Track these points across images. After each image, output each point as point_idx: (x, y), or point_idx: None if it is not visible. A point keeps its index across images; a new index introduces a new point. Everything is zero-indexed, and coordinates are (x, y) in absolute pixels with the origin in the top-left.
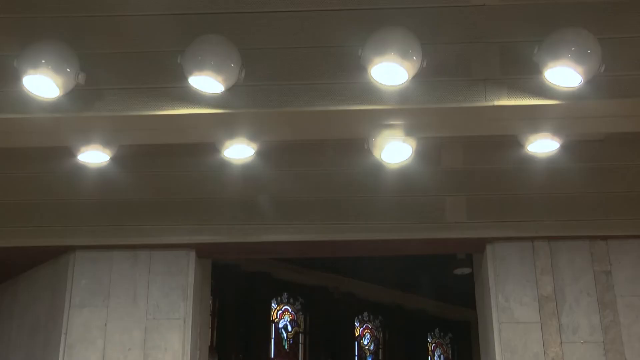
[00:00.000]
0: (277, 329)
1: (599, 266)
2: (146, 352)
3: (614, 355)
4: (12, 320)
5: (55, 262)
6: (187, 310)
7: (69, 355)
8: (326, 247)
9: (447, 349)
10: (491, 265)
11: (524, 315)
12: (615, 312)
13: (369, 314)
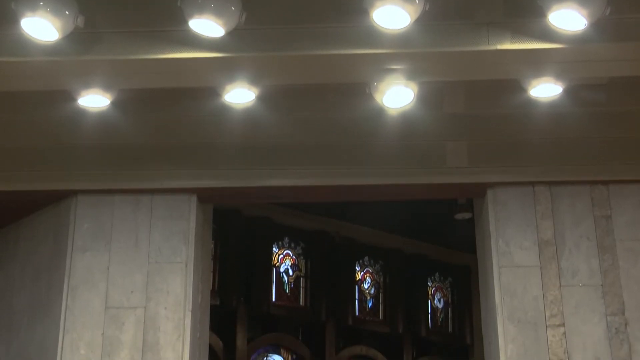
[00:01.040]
0: (278, 273)
1: (599, 211)
2: (148, 296)
3: (612, 298)
4: (15, 263)
5: (57, 206)
6: (189, 254)
7: (72, 298)
8: (327, 192)
9: (447, 293)
10: (492, 210)
11: (523, 259)
12: (614, 256)
13: (369, 258)
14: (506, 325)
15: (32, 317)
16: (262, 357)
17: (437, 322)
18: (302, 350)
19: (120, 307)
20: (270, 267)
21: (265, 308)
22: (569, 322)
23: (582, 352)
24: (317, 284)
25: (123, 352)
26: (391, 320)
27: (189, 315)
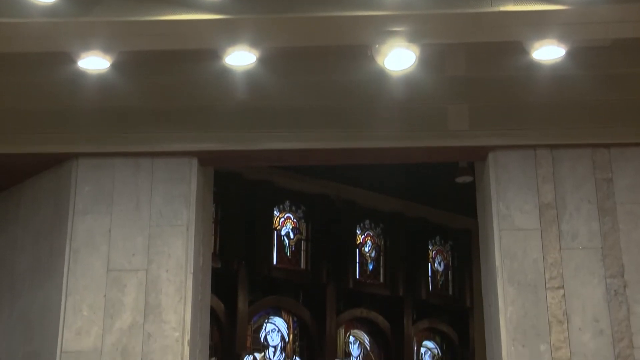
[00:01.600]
0: (279, 236)
1: (600, 174)
2: (150, 258)
3: (611, 261)
4: (17, 226)
5: (58, 169)
6: (190, 217)
7: (74, 261)
8: (328, 155)
9: (447, 256)
10: (493, 174)
11: (524, 222)
12: (614, 219)
13: (370, 221)
14: (506, 288)
15: (34, 279)
16: (263, 320)
17: (438, 285)
18: (303, 313)
19: (122, 269)
20: (271, 231)
21: (266, 271)
22: (568, 285)
23: (581, 313)
24: (317, 247)
25: (125, 314)
26: (391, 283)
27: (190, 278)
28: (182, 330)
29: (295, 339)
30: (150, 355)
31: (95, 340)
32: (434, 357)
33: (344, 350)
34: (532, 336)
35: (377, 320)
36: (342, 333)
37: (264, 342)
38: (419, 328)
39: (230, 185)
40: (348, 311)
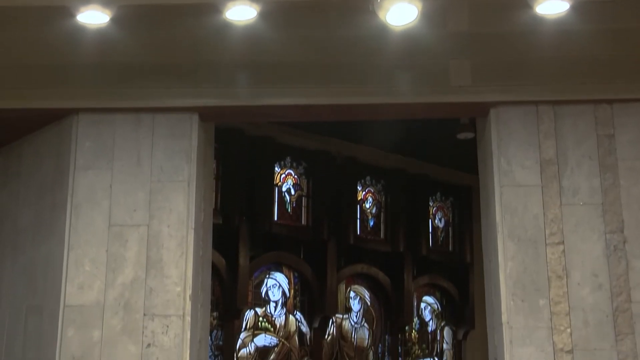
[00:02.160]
0: (280, 192)
1: (602, 130)
2: (151, 213)
3: (611, 216)
4: (19, 181)
5: (58, 124)
6: (191, 173)
7: (76, 216)
8: (329, 111)
9: (448, 212)
10: (494, 130)
11: (525, 178)
12: (615, 174)
13: (371, 178)
14: (506, 243)
15: (37, 234)
16: (264, 275)
17: (438, 241)
18: (304, 269)
19: (124, 224)
20: (272, 187)
21: (267, 227)
22: (568, 240)
23: (580, 268)
24: (318, 203)
25: (127, 268)
26: (392, 239)
27: (191, 233)
28: (183, 285)
29: (296, 294)
30: (152, 310)
31: (97, 295)
32: (433, 312)
33: (345, 305)
34: (531, 291)
35: (377, 276)
36: (343, 288)
37: (265, 297)
38: (419, 283)
39: (231, 141)
40: (349, 267)
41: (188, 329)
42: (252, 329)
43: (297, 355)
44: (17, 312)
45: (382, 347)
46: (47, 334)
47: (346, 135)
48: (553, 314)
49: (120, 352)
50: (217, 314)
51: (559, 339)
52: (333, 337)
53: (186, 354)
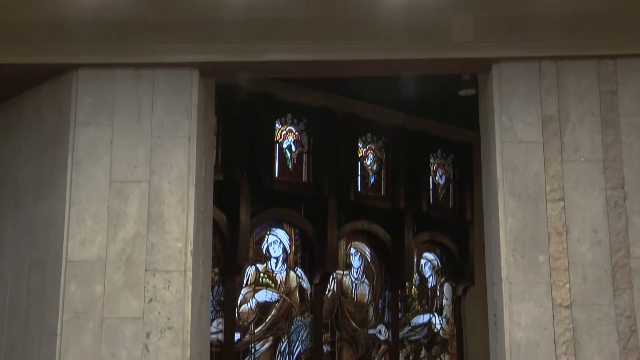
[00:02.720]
0: (281, 149)
1: (605, 86)
2: (152, 169)
3: (612, 172)
4: (20, 137)
5: (58, 80)
6: (192, 129)
7: (77, 172)
8: (330, 67)
9: (448, 169)
10: (496, 86)
11: (526, 134)
12: (617, 131)
13: (372, 134)
14: (507, 200)
15: (38, 190)
16: (265, 232)
17: (438, 198)
18: (305, 225)
19: (125, 180)
20: (273, 143)
21: (268, 183)
22: (568, 197)
23: (580, 225)
24: (319, 160)
25: (128, 224)
26: (393, 196)
27: (192, 189)
28: (184, 241)
29: (296, 251)
30: (154, 265)
31: (99, 250)
32: (433, 269)
33: (345, 261)
34: (531, 247)
35: (378, 233)
36: (343, 245)
37: (266, 254)
38: (420, 240)
39: (231, 97)
40: (349, 223)
41: (189, 285)
42: (253, 284)
43: (297, 310)
44: (19, 268)
45: (382, 302)
46: (50, 289)
47: (347, 91)
48: (552, 269)
49: (123, 306)
50: (218, 269)
51: (557, 294)
52: (333, 293)
53: (188, 309)
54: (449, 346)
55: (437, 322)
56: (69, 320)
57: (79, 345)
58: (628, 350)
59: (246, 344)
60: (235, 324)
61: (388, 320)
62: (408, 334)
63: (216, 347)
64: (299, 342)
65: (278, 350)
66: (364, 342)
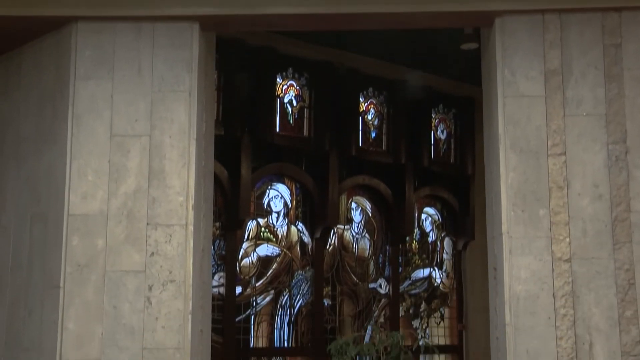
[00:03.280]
0: (282, 103)
1: (609, 39)
2: (153, 124)
3: (615, 127)
4: (19, 91)
5: (58, 33)
6: (192, 83)
7: (77, 126)
8: (331, 20)
9: (450, 124)
10: (499, 39)
11: (529, 88)
12: (621, 85)
13: (373, 89)
14: (508, 154)
15: (39, 144)
16: (266, 186)
17: (440, 153)
18: (306, 180)
19: (125, 135)
20: (274, 98)
21: (269, 138)
22: (570, 151)
23: (581, 179)
24: (320, 114)
25: (130, 178)
26: (394, 151)
27: (193, 144)
28: (186, 195)
29: (297, 205)
30: (156, 219)
31: (101, 204)
32: (434, 223)
33: (346, 216)
34: (531, 201)
35: (379, 187)
36: (345, 200)
37: (267, 208)
38: (420, 195)
39: (232, 52)
40: (350, 178)
41: (191, 238)
42: (254, 239)
43: (298, 265)
44: (22, 220)
45: (383, 257)
46: (52, 242)
47: (348, 46)
48: (552, 223)
49: (125, 260)
50: (220, 224)
51: (557, 248)
52: (334, 247)
53: (189, 262)
54: (448, 300)
55: (437, 276)
56: (72, 273)
57: (82, 298)
58: (626, 303)
59: (247, 298)
60: (236, 277)
61: (388, 274)
62: (408, 287)
63: (218, 301)
64: (300, 295)
65: (279, 303)
66: (364, 295)
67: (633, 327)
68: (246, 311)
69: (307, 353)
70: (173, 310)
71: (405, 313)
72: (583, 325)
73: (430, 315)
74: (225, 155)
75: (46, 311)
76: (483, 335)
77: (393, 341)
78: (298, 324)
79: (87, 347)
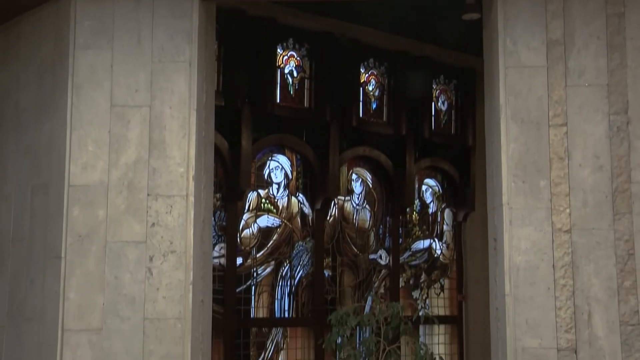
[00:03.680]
0: (282, 74)
1: (612, 8)
2: (153, 94)
3: (616, 97)
4: (18, 61)
5: (56, 2)
6: (193, 54)
7: (77, 96)
8: None
9: (451, 95)
10: (501, 9)
11: (530, 59)
12: (623, 55)
13: (374, 60)
14: (509, 125)
15: (39, 114)
16: (267, 157)
17: (440, 124)
18: (306, 151)
19: (125, 105)
20: (274, 68)
21: (270, 109)
22: (571, 122)
23: (582, 150)
24: (321, 85)
25: (130, 149)
26: (395, 122)
27: (194, 114)
28: (186, 166)
29: (298, 177)
30: (156, 190)
31: (101, 175)
32: (434, 195)
33: (347, 187)
34: (532, 172)
35: (379, 159)
36: (345, 171)
37: (268, 179)
38: (421, 166)
39: (233, 22)
40: (351, 149)
41: (192, 209)
42: (254, 210)
43: (299, 236)
44: (22, 191)
45: (383, 228)
46: (53, 213)
47: (349, 16)
48: (553, 194)
49: (125, 230)
50: (220, 195)
51: (557, 219)
52: (335, 218)
53: (190, 233)
54: (448, 271)
55: (437, 248)
56: (73, 243)
57: (83, 268)
58: (625, 273)
59: (248, 269)
60: (237, 248)
61: (389, 246)
62: (408, 259)
63: (218, 271)
64: (300, 266)
65: (279, 274)
66: (364, 266)
67: (632, 297)
68: (247, 282)
69: (307, 323)
70: (174, 280)
71: (405, 284)
72: (582, 296)
73: (430, 286)
74: (225, 127)
75: (48, 281)
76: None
77: (393, 312)
78: (298, 295)
79: (89, 317)
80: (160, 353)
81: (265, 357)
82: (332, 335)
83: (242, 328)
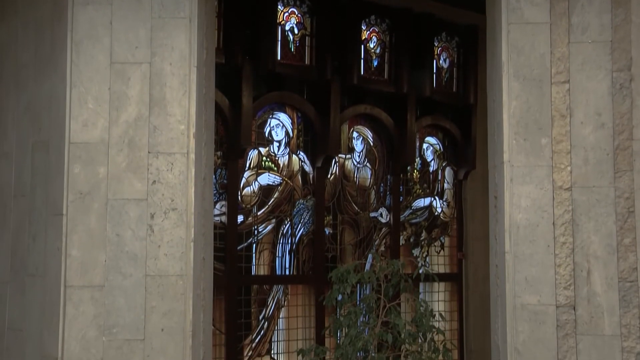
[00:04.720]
0: (283, 31)
1: None
2: (153, 51)
3: (620, 54)
4: (17, 17)
5: None
6: (193, 10)
7: (77, 53)
8: None
9: (452, 53)
10: None
11: (534, 15)
12: (628, 10)
13: (376, 17)
14: (511, 82)
15: (38, 71)
16: (268, 115)
17: (442, 82)
18: (307, 109)
19: (125, 62)
20: (275, 25)
21: (271, 66)
22: (574, 79)
23: (584, 107)
24: (322, 42)
25: (130, 106)
26: (396, 80)
27: (194, 71)
28: (187, 123)
29: (299, 134)
30: (157, 147)
31: (101, 132)
32: (435, 153)
33: (348, 145)
34: (534, 130)
35: (380, 117)
36: (346, 129)
37: (269, 137)
38: (422, 124)
39: None
40: (352, 107)
41: (192, 167)
42: (255, 167)
43: (300, 194)
44: (23, 148)
45: (384, 186)
46: (54, 170)
47: None
48: (554, 152)
49: (126, 188)
50: (221, 153)
51: (558, 177)
52: (336, 176)
53: (191, 190)
54: (449, 229)
55: (437, 206)
56: (74, 200)
57: (85, 225)
58: (625, 230)
59: (249, 226)
60: (238, 206)
61: (389, 204)
62: (409, 216)
63: (219, 229)
64: (301, 224)
65: (280, 232)
66: (365, 224)
67: (631, 254)
68: (248, 240)
69: (308, 281)
70: (175, 238)
71: (406, 242)
72: (581, 253)
73: (430, 244)
74: (226, 84)
75: (50, 238)
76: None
77: (393, 269)
78: (299, 253)
79: (91, 273)
80: (162, 309)
81: (266, 314)
82: (333, 292)
83: (243, 285)
